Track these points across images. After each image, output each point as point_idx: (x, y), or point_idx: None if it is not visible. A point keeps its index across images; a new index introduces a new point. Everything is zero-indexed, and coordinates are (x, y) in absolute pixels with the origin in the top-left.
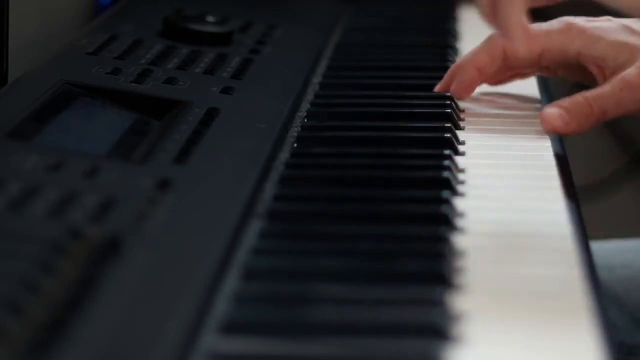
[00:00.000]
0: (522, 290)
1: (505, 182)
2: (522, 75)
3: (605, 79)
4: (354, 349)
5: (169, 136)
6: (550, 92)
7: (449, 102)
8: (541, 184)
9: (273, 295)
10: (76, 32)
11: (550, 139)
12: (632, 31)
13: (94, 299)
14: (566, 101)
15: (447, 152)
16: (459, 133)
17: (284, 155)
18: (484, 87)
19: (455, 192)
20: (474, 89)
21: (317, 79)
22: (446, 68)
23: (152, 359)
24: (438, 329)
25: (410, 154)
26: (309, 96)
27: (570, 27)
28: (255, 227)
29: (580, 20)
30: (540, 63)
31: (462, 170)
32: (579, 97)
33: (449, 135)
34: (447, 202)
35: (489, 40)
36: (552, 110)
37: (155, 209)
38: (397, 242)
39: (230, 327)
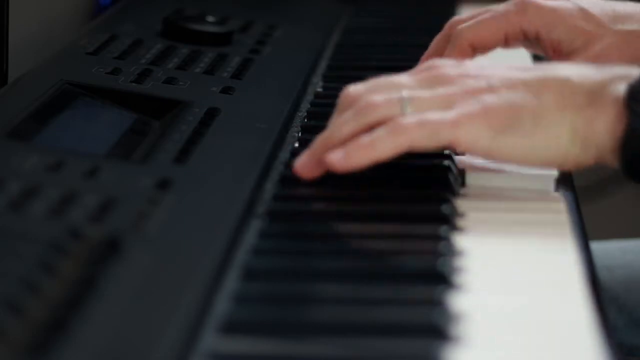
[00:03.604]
0: (521, 291)
1: (505, 182)
2: None
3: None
4: (354, 349)
5: (169, 136)
6: None
7: None
8: (541, 183)
9: (273, 295)
10: (76, 32)
11: None
12: (588, 16)
13: (94, 299)
14: None
15: (447, 151)
16: None
17: (284, 155)
18: None
19: (455, 192)
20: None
21: (317, 79)
22: None
23: (152, 359)
24: (438, 329)
25: (410, 154)
26: (309, 96)
27: (525, 6)
28: (255, 227)
29: None
30: (504, 46)
31: (462, 170)
32: None
33: None
34: (447, 202)
35: (457, 41)
36: None
37: (155, 209)
38: (398, 241)
39: (230, 327)
